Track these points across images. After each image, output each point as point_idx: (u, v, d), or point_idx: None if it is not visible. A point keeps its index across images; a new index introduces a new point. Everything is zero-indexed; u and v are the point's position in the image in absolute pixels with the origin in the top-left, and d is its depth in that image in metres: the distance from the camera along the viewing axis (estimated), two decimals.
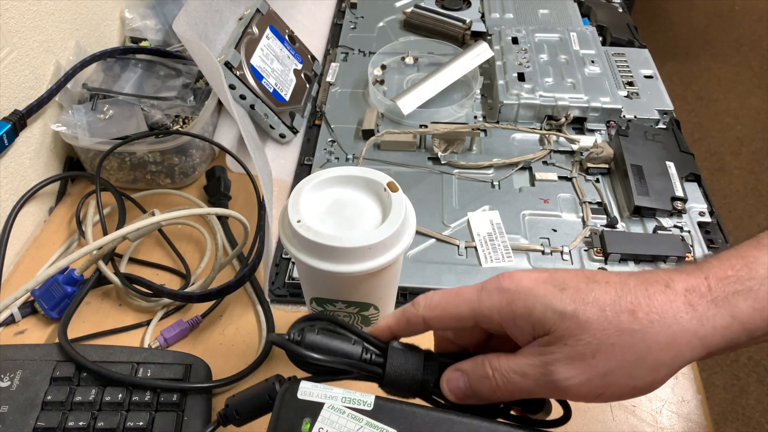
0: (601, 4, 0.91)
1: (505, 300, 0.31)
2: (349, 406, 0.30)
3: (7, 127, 0.57)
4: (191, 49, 0.58)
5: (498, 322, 0.32)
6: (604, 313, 0.29)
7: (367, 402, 0.30)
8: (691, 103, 2.10)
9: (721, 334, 0.28)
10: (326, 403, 0.30)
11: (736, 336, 0.29)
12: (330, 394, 0.30)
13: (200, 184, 0.68)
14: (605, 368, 0.28)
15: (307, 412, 0.29)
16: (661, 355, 0.28)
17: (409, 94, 0.71)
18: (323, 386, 0.31)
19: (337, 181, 0.41)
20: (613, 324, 0.29)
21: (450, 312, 0.33)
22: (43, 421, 0.44)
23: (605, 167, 0.66)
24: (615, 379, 0.29)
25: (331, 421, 0.29)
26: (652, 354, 0.28)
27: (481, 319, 0.32)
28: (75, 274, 0.54)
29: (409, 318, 0.34)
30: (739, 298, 0.28)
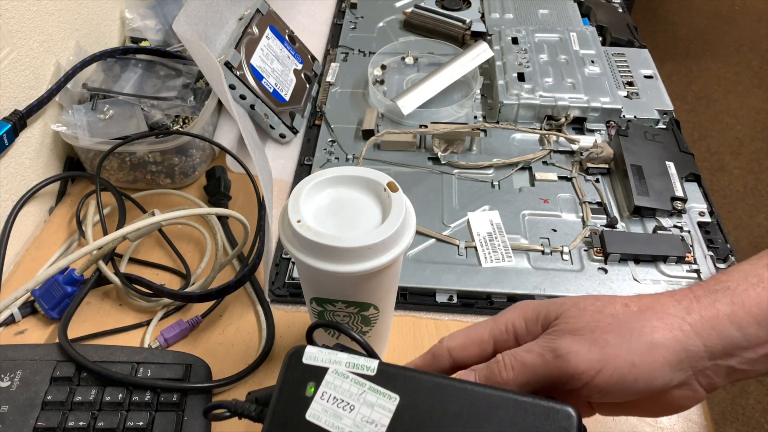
0: (601, 4, 0.91)
1: (517, 312, 0.35)
2: (352, 371, 0.30)
3: (7, 127, 0.57)
4: (191, 49, 0.58)
5: (513, 335, 0.34)
6: (599, 301, 0.33)
7: (371, 367, 0.30)
8: (691, 103, 2.10)
9: (711, 325, 0.30)
10: (330, 368, 0.30)
11: (727, 330, 0.30)
12: (334, 359, 0.31)
13: (200, 184, 0.68)
14: (603, 340, 0.31)
15: (312, 376, 0.30)
16: (655, 335, 0.30)
17: (409, 94, 0.71)
18: (328, 351, 0.31)
19: (337, 181, 0.41)
20: (608, 310, 0.32)
21: (471, 337, 0.35)
22: (43, 421, 0.44)
23: (605, 167, 0.66)
24: (614, 351, 0.30)
25: (334, 385, 0.30)
26: (645, 333, 0.31)
27: (499, 336, 0.35)
28: (75, 274, 0.54)
29: (435, 352, 0.36)
30: (718, 294, 0.31)
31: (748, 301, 0.31)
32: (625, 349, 0.30)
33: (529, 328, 0.34)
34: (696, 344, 0.30)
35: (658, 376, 0.30)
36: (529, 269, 0.57)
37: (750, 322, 0.30)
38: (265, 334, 0.53)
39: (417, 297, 0.56)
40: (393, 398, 0.29)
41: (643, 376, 0.30)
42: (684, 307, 0.31)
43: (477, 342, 0.35)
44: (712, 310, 0.31)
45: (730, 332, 0.30)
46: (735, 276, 0.32)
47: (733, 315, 0.30)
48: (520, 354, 0.32)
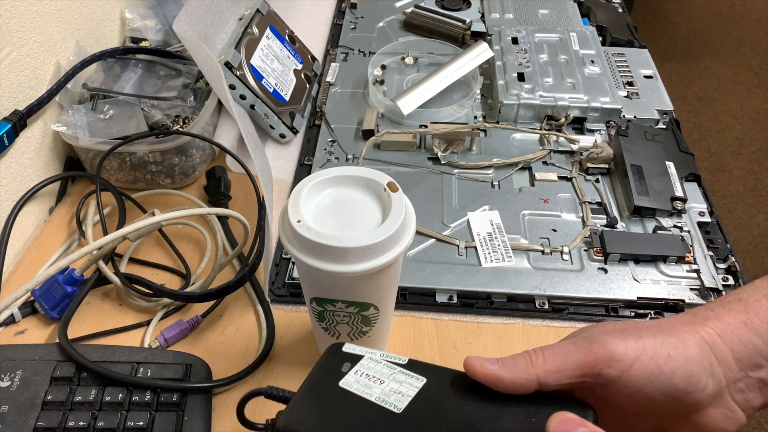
0: (601, 4, 0.91)
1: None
2: (386, 360, 0.34)
3: (8, 127, 0.57)
4: (191, 49, 0.58)
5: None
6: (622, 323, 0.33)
7: (403, 360, 0.34)
8: (691, 103, 2.10)
9: (730, 330, 0.31)
10: (366, 355, 0.34)
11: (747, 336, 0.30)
12: (370, 351, 0.35)
13: (200, 184, 0.68)
14: (638, 334, 0.30)
15: (349, 359, 0.34)
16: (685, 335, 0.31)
17: (409, 94, 0.71)
18: (365, 348, 0.35)
19: (337, 181, 0.41)
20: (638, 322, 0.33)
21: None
22: (43, 421, 0.44)
23: (605, 167, 0.66)
24: (650, 342, 0.30)
25: (369, 366, 0.34)
26: (676, 334, 0.31)
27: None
28: (75, 274, 0.54)
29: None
30: (731, 305, 0.32)
31: (761, 310, 0.31)
32: (660, 342, 0.30)
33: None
34: (722, 348, 0.30)
35: (695, 373, 0.29)
36: (529, 269, 0.57)
37: (766, 329, 0.30)
38: (265, 334, 0.53)
39: (417, 297, 0.56)
40: (420, 379, 0.32)
41: (681, 370, 0.29)
42: (701, 317, 0.32)
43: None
44: (728, 318, 0.31)
45: (750, 338, 0.30)
46: (746, 289, 0.33)
47: (750, 322, 0.31)
48: (553, 347, 0.31)
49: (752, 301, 0.32)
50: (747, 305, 0.32)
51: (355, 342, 0.46)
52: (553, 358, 0.30)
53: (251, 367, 0.50)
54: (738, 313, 0.31)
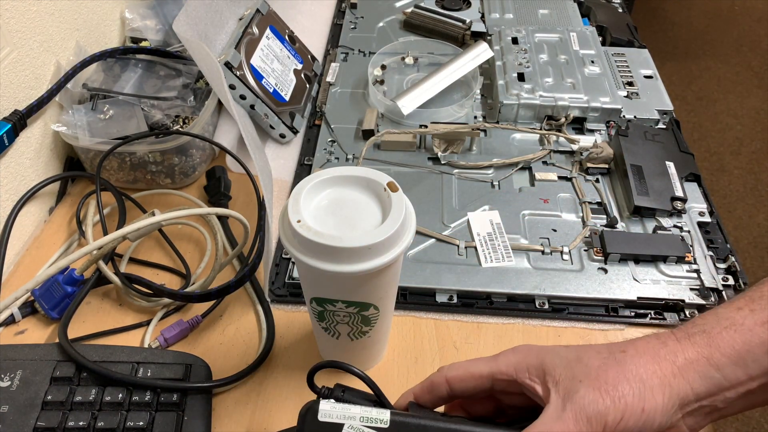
0: (601, 4, 0.91)
1: (521, 355, 0.36)
2: (366, 425, 0.32)
3: (8, 127, 0.57)
4: (191, 49, 0.58)
5: (513, 378, 0.36)
6: (601, 354, 0.35)
7: (383, 420, 0.32)
8: (691, 103, 2.10)
9: (693, 368, 0.33)
10: (345, 424, 0.32)
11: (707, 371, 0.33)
12: (348, 414, 0.32)
13: (200, 184, 0.68)
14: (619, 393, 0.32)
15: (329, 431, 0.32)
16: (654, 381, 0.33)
17: (409, 94, 0.71)
18: (341, 406, 0.33)
19: (337, 181, 0.41)
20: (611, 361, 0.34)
21: (471, 371, 0.36)
22: (43, 421, 0.44)
23: (605, 167, 0.66)
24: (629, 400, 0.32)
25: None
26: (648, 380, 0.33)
27: (498, 375, 0.36)
28: (75, 274, 0.54)
29: (433, 381, 0.37)
30: (696, 338, 0.34)
31: (722, 343, 0.33)
32: (637, 398, 0.32)
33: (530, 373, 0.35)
34: (685, 389, 0.32)
35: (659, 420, 0.32)
36: (529, 269, 0.57)
37: (726, 363, 0.32)
38: (265, 334, 0.53)
39: (417, 297, 0.56)
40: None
41: (650, 421, 0.32)
42: (671, 350, 0.33)
43: (476, 376, 0.36)
44: (692, 352, 0.33)
45: (711, 373, 0.32)
46: (709, 320, 0.35)
47: (711, 357, 0.33)
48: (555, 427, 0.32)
49: (714, 333, 0.33)
50: (710, 338, 0.33)
51: (355, 341, 0.46)
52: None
53: (251, 367, 0.50)
54: (701, 347, 0.33)
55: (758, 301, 0.34)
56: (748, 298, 0.35)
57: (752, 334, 0.33)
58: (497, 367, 0.36)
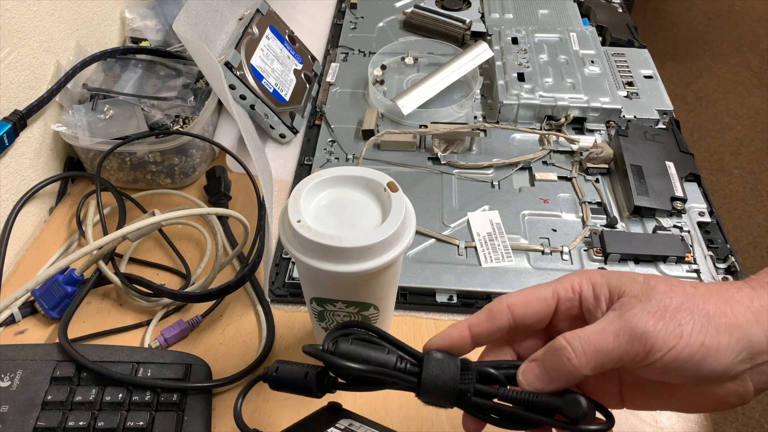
0: (601, 4, 0.91)
1: (585, 277, 0.34)
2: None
3: (8, 127, 0.57)
4: (191, 49, 0.58)
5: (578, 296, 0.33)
6: (670, 282, 0.32)
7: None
8: (691, 103, 2.10)
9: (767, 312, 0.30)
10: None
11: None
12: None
13: (200, 184, 0.68)
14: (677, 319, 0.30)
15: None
16: (723, 319, 0.30)
17: (409, 94, 0.71)
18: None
19: (337, 181, 0.41)
20: (679, 290, 0.31)
21: (535, 294, 0.34)
22: (43, 421, 0.44)
23: (605, 167, 0.66)
24: (687, 329, 0.30)
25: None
26: (715, 317, 0.30)
27: (564, 295, 0.34)
28: (75, 274, 0.54)
29: (492, 309, 0.34)
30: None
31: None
32: (697, 329, 0.30)
33: (596, 292, 0.33)
34: (758, 334, 0.30)
35: (722, 361, 0.30)
36: (529, 269, 0.57)
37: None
38: (265, 334, 0.53)
39: (417, 297, 0.56)
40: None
41: (710, 359, 0.30)
42: (746, 295, 0.31)
43: (541, 299, 0.34)
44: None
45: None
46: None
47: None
48: (592, 337, 0.31)
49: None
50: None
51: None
52: (595, 357, 0.30)
53: (251, 367, 0.50)
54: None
55: None
56: None
57: None
58: (561, 286, 0.34)
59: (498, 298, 0.35)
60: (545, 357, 0.32)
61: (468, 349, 0.35)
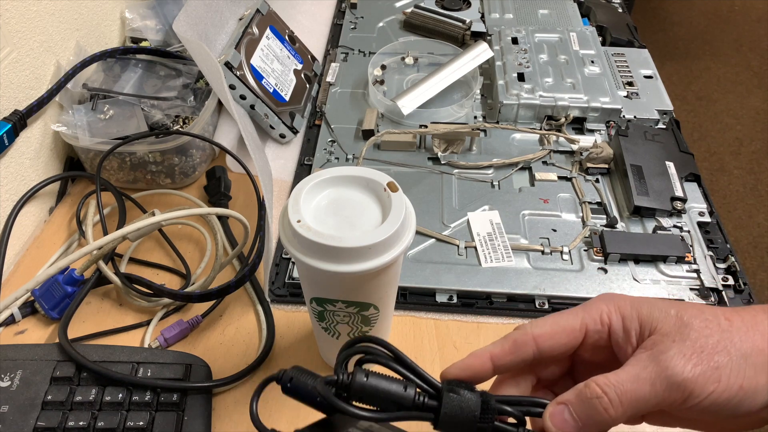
0: (601, 4, 0.91)
1: (613, 305, 0.32)
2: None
3: (8, 127, 0.57)
4: (191, 49, 0.58)
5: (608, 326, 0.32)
6: (704, 315, 0.30)
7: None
8: (691, 103, 2.10)
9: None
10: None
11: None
12: None
13: (200, 184, 0.68)
14: (715, 362, 0.29)
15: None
16: (761, 358, 0.29)
17: (409, 94, 0.71)
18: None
19: (337, 181, 0.41)
20: (714, 325, 0.30)
21: (561, 324, 0.32)
22: (43, 421, 0.44)
23: (605, 167, 0.66)
24: (725, 373, 0.29)
25: None
26: (752, 356, 0.29)
27: (592, 327, 0.32)
28: (75, 274, 0.54)
29: (516, 339, 0.33)
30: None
31: None
32: (735, 372, 0.29)
33: (625, 326, 0.32)
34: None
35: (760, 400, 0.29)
36: (528, 269, 0.57)
37: None
38: (265, 334, 0.53)
39: (417, 297, 0.56)
40: None
41: (748, 400, 0.29)
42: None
43: (568, 330, 0.32)
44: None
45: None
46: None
47: None
48: (627, 386, 0.29)
49: None
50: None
51: None
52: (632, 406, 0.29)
53: (251, 367, 0.50)
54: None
55: None
56: None
57: None
58: (590, 316, 0.32)
59: (522, 326, 0.33)
60: (577, 403, 0.30)
61: (488, 378, 0.33)
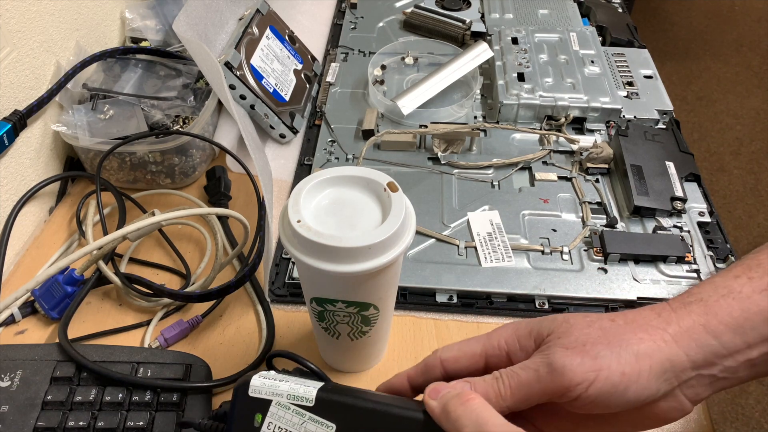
0: (601, 4, 0.91)
1: (510, 330, 0.36)
2: (293, 403, 0.34)
3: (8, 127, 0.57)
4: (191, 49, 0.58)
5: (505, 352, 0.36)
6: (588, 318, 0.34)
7: (309, 398, 0.34)
8: (691, 103, 2.10)
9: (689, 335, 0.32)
10: (273, 400, 0.34)
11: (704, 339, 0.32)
12: (276, 391, 0.34)
13: (200, 184, 0.68)
14: (594, 352, 0.32)
15: (258, 407, 0.34)
16: (641, 346, 0.32)
17: (409, 94, 0.71)
18: (271, 382, 0.34)
19: (337, 181, 0.41)
20: (596, 325, 0.33)
21: (464, 350, 0.36)
22: (43, 421, 0.44)
23: (605, 167, 0.66)
24: (605, 362, 0.31)
25: (278, 416, 0.34)
26: (632, 344, 0.32)
27: (491, 352, 0.36)
28: (75, 274, 0.54)
29: (427, 362, 0.37)
30: (692, 306, 0.33)
31: (720, 311, 0.32)
32: (615, 360, 0.31)
33: (521, 345, 0.35)
34: (678, 354, 0.32)
35: (646, 386, 0.31)
36: (528, 269, 0.57)
37: (723, 330, 0.32)
38: (265, 334, 0.53)
39: (417, 297, 0.56)
40: (330, 427, 0.33)
41: (633, 386, 0.31)
42: (663, 319, 0.33)
43: (469, 355, 0.36)
44: (688, 320, 0.32)
45: (708, 341, 0.32)
46: (706, 288, 0.34)
47: (708, 324, 0.32)
48: (516, 371, 0.33)
49: (712, 302, 0.33)
50: (707, 306, 0.33)
51: (355, 341, 0.46)
52: (519, 390, 0.32)
53: (251, 367, 0.50)
54: (698, 315, 0.32)
55: (756, 269, 0.34)
56: (746, 266, 0.35)
57: (750, 301, 0.32)
58: (490, 343, 0.36)
59: (435, 351, 0.37)
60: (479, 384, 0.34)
61: (409, 394, 0.38)
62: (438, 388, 0.33)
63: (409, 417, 0.33)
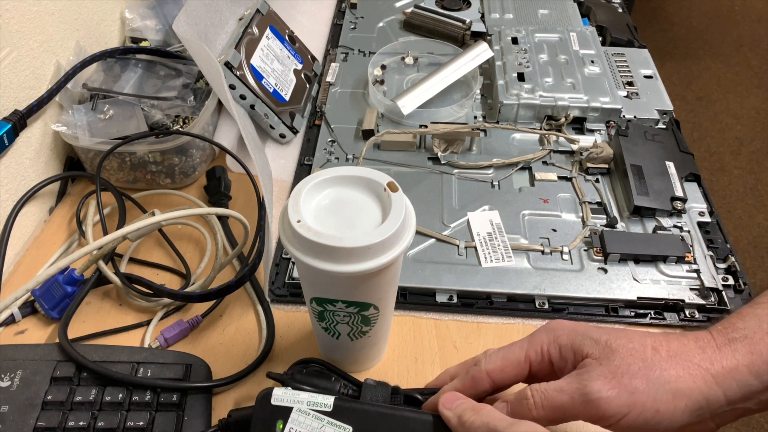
0: (601, 4, 0.91)
1: (552, 336, 0.37)
2: (312, 409, 0.37)
3: (8, 127, 0.57)
4: (191, 49, 0.58)
5: (547, 358, 0.37)
6: (632, 343, 0.34)
7: (327, 404, 0.37)
8: (691, 103, 2.10)
9: (731, 375, 0.32)
10: (294, 407, 0.37)
11: (746, 379, 0.32)
12: (297, 399, 0.38)
13: (200, 184, 0.68)
14: (632, 387, 0.32)
15: (280, 415, 0.37)
16: (680, 384, 0.32)
17: (409, 94, 0.71)
18: (291, 392, 0.38)
19: (337, 181, 0.41)
20: (639, 353, 0.34)
21: (509, 359, 0.38)
22: (43, 421, 0.44)
23: (605, 167, 0.66)
24: (641, 398, 0.32)
25: (299, 421, 0.37)
26: (671, 382, 0.32)
27: (534, 359, 0.37)
28: (75, 274, 0.54)
29: (474, 376, 0.38)
30: (737, 344, 0.33)
31: (765, 350, 0.32)
32: (652, 396, 0.32)
33: (563, 355, 0.36)
34: (717, 394, 0.32)
35: (679, 420, 0.32)
36: (528, 269, 0.57)
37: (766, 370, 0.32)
38: (265, 334, 0.53)
39: (417, 297, 0.56)
40: (347, 429, 0.36)
41: (665, 422, 0.32)
42: (708, 357, 0.33)
43: (514, 364, 0.37)
44: (732, 360, 0.32)
45: (749, 381, 0.32)
46: (751, 324, 0.34)
47: (752, 365, 0.32)
48: (551, 393, 0.34)
49: (756, 339, 0.33)
50: (752, 344, 0.33)
51: (355, 341, 0.46)
52: (552, 412, 0.34)
53: (251, 367, 0.50)
54: (743, 355, 0.33)
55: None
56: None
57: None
58: (532, 348, 0.37)
59: (478, 362, 0.39)
60: (514, 402, 0.36)
61: None
62: (452, 398, 0.35)
63: (420, 419, 0.36)
